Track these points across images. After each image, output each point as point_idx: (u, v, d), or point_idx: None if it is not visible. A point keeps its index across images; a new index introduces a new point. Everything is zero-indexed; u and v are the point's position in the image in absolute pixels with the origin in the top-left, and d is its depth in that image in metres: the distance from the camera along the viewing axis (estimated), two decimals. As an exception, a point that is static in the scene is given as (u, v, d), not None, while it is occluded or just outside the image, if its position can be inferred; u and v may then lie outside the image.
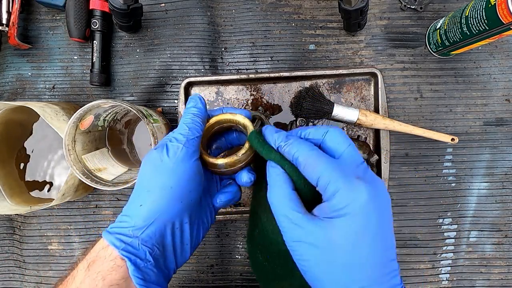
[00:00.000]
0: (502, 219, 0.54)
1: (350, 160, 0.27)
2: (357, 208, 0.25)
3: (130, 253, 0.29)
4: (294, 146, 0.28)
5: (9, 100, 0.56)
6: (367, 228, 0.25)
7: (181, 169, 0.31)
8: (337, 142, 0.28)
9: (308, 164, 0.27)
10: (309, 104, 0.50)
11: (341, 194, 0.25)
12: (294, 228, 0.26)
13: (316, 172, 0.26)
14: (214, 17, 0.55)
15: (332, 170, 0.26)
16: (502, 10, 0.38)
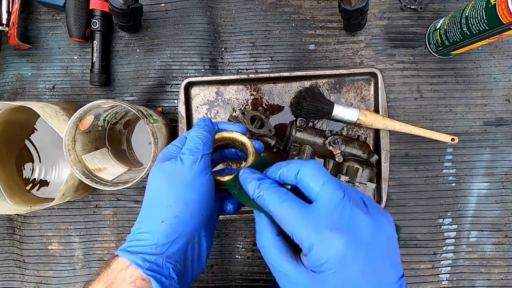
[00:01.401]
0: (502, 219, 0.54)
1: (325, 203, 0.25)
2: (336, 263, 0.23)
3: (155, 271, 0.28)
4: (264, 198, 0.27)
5: (9, 100, 0.56)
6: (353, 280, 0.24)
7: (199, 183, 0.31)
8: (310, 182, 0.26)
9: (280, 217, 0.26)
10: (309, 104, 0.50)
11: (316, 251, 0.24)
12: (281, 275, 0.26)
13: (288, 226, 0.25)
14: (214, 17, 0.55)
15: (303, 225, 0.25)
16: (502, 10, 0.38)
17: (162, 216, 0.30)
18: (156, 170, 0.32)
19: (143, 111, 0.44)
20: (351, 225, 0.24)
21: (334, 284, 0.24)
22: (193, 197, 0.30)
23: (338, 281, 0.24)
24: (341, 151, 0.49)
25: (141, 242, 0.29)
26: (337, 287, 0.24)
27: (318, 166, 0.27)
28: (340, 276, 0.24)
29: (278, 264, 0.26)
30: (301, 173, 0.27)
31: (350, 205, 0.25)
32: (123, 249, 0.30)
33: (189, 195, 0.30)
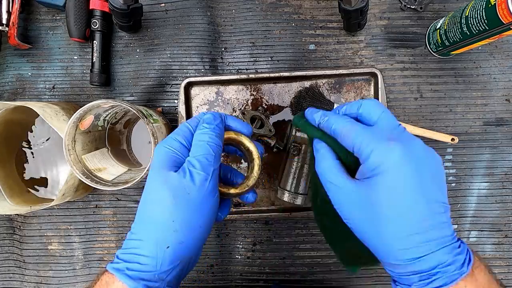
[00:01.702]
0: (502, 219, 0.54)
1: (385, 125, 0.29)
2: (391, 165, 0.26)
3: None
4: (330, 120, 0.31)
5: (9, 100, 0.56)
6: (401, 184, 0.26)
7: (208, 206, 0.29)
8: (371, 111, 0.30)
9: (344, 134, 0.29)
10: (309, 104, 0.50)
11: (375, 155, 0.26)
12: (337, 191, 0.29)
13: (352, 139, 0.28)
14: (214, 17, 0.55)
15: (365, 135, 0.27)
16: (502, 10, 0.38)
17: (167, 241, 0.27)
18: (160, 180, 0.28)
19: (143, 111, 0.44)
20: (408, 141, 0.27)
21: (383, 188, 0.26)
22: (201, 223, 0.28)
23: (389, 183, 0.26)
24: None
25: (143, 267, 0.27)
26: (384, 189, 0.26)
27: (376, 101, 0.30)
28: (391, 178, 0.26)
29: (336, 181, 0.29)
30: (363, 105, 0.30)
31: (403, 129, 0.29)
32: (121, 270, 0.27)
33: (196, 220, 0.28)
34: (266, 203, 0.55)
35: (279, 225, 0.56)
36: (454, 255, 0.26)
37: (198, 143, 0.30)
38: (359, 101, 0.31)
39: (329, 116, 0.31)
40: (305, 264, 0.55)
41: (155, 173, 0.29)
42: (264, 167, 0.55)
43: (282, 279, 0.55)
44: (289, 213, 0.53)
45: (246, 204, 0.55)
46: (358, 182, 0.28)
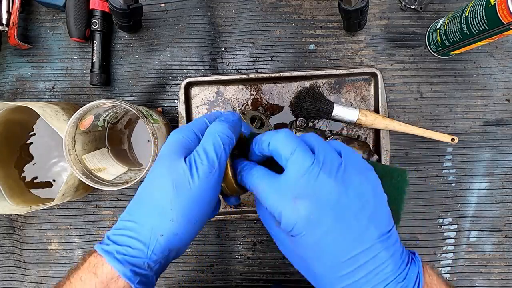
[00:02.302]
0: (502, 219, 0.54)
1: (293, 170, 0.27)
2: (303, 226, 0.26)
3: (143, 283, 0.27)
4: (243, 179, 0.30)
5: (9, 100, 0.56)
6: (323, 239, 0.26)
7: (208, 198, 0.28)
8: (281, 150, 0.27)
9: (256, 193, 0.29)
10: (309, 104, 0.50)
11: (285, 218, 0.26)
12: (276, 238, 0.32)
13: (262, 200, 0.28)
14: (214, 17, 0.55)
15: (272, 197, 0.27)
16: (502, 10, 0.38)
17: (162, 229, 0.27)
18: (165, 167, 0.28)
19: (143, 111, 0.44)
20: (315, 191, 0.26)
21: (309, 244, 0.26)
22: (198, 217, 0.28)
23: (311, 242, 0.26)
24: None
25: (133, 252, 0.26)
26: (312, 247, 0.26)
27: (287, 135, 0.28)
28: (310, 237, 0.26)
29: (269, 229, 0.31)
30: (271, 144, 0.28)
31: (317, 171, 0.26)
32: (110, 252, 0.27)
33: (194, 214, 0.27)
34: (266, 203, 0.55)
35: (279, 225, 0.56)
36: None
37: (209, 132, 0.29)
38: (269, 135, 0.29)
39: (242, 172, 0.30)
40: (305, 264, 0.55)
41: (163, 159, 0.28)
42: (264, 167, 0.55)
43: (282, 279, 0.55)
44: (289, 213, 0.53)
45: (246, 204, 0.55)
46: (288, 236, 0.28)
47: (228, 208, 0.55)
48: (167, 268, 0.57)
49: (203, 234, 0.56)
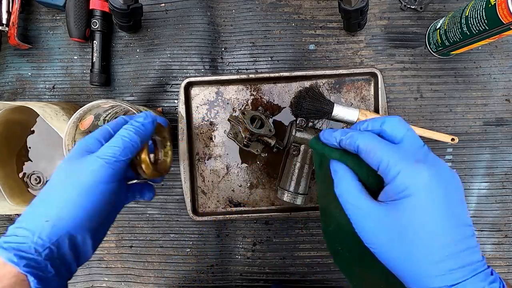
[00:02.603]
0: (502, 219, 0.54)
1: (409, 144, 0.28)
2: (420, 188, 0.25)
3: (32, 267, 0.27)
4: (354, 136, 0.29)
5: (9, 100, 0.56)
6: (432, 207, 0.25)
7: (99, 191, 0.30)
8: (395, 128, 0.29)
9: (369, 150, 0.28)
10: (309, 104, 0.50)
11: (402, 176, 0.26)
12: (360, 214, 0.28)
13: (377, 157, 0.27)
14: (214, 17, 0.55)
15: (392, 154, 0.26)
16: (502, 10, 0.38)
17: (47, 215, 0.28)
18: (62, 166, 0.31)
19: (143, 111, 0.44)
20: (435, 164, 0.26)
21: (413, 210, 0.25)
22: (87, 205, 0.29)
23: (418, 207, 0.25)
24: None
25: (19, 239, 0.27)
26: (414, 213, 0.25)
27: (401, 118, 0.29)
28: (421, 201, 0.25)
29: (359, 203, 0.28)
30: (386, 122, 0.29)
31: (429, 150, 0.28)
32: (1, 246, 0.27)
33: (83, 202, 0.29)
34: (266, 203, 0.55)
35: (279, 225, 0.56)
36: (488, 283, 0.24)
37: (116, 136, 0.32)
38: (382, 117, 0.30)
39: (352, 132, 0.30)
40: (305, 264, 0.55)
41: (63, 162, 0.31)
42: (264, 167, 0.55)
43: (282, 279, 0.55)
44: (289, 213, 0.53)
45: (246, 204, 0.55)
46: (384, 204, 0.27)
47: (228, 208, 0.55)
48: (167, 268, 0.57)
49: (203, 234, 0.56)
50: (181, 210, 0.56)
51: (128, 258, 0.56)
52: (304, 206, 0.54)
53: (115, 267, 0.56)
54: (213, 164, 0.55)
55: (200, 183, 0.55)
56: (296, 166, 0.49)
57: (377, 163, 0.27)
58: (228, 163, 0.55)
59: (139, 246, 0.56)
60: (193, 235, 0.56)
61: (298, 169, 0.49)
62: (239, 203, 0.55)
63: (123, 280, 0.56)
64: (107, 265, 0.56)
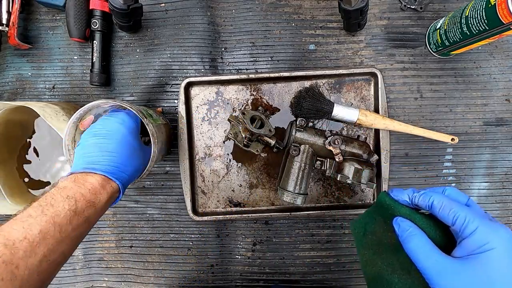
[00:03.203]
0: (502, 219, 0.54)
1: (477, 207, 0.30)
2: (501, 242, 0.26)
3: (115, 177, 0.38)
4: (428, 194, 0.31)
5: (9, 100, 0.56)
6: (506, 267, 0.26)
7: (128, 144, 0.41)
8: (459, 195, 0.31)
9: (444, 206, 0.30)
10: (309, 104, 0.50)
11: (482, 230, 0.27)
12: (436, 269, 0.28)
13: (453, 212, 0.29)
14: (214, 17, 0.55)
15: (468, 211, 0.28)
16: (502, 10, 0.38)
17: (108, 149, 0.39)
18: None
19: (143, 111, 0.44)
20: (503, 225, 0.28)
21: (498, 262, 0.26)
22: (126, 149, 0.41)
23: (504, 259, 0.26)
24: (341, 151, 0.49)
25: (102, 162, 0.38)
26: (501, 265, 0.26)
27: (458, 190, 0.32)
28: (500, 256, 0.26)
29: (434, 257, 0.29)
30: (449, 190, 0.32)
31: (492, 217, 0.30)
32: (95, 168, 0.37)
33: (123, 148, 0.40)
34: (266, 203, 0.55)
35: (279, 225, 0.56)
36: None
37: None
38: (441, 187, 0.32)
39: (424, 191, 0.32)
40: (305, 264, 0.55)
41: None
42: (264, 167, 0.55)
43: (282, 279, 0.55)
44: (289, 213, 0.53)
45: (246, 205, 0.55)
46: (461, 259, 0.28)
47: (228, 208, 0.55)
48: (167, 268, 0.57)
49: (203, 234, 0.56)
50: (181, 210, 0.56)
51: (128, 258, 0.56)
52: (304, 206, 0.54)
53: (115, 267, 0.56)
54: (213, 164, 0.55)
55: (200, 183, 0.55)
56: (296, 166, 0.49)
57: (453, 219, 0.29)
58: (228, 163, 0.55)
59: (139, 246, 0.56)
60: (193, 235, 0.56)
61: (298, 169, 0.49)
62: (239, 203, 0.55)
63: (123, 280, 0.56)
64: (107, 265, 0.56)
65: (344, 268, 0.55)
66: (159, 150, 0.45)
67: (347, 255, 0.55)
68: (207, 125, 0.55)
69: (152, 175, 0.56)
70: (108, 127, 0.40)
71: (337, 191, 0.55)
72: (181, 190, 0.55)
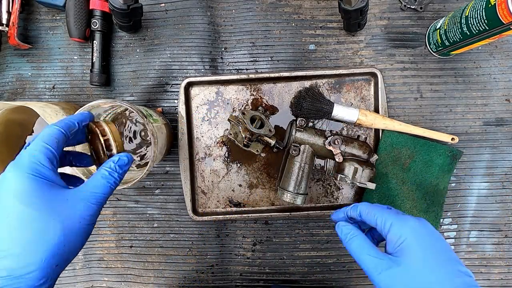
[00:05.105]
0: (502, 219, 0.54)
1: (394, 210, 0.36)
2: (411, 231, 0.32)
3: None
4: (356, 205, 0.39)
5: (9, 100, 0.56)
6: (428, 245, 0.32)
7: None
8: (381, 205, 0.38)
9: (368, 212, 0.36)
10: (309, 104, 0.50)
11: (395, 225, 0.33)
12: (378, 266, 0.32)
13: (373, 214, 0.35)
14: (214, 17, 0.55)
15: (385, 212, 0.35)
16: (502, 10, 0.38)
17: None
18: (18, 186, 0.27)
19: (143, 111, 0.44)
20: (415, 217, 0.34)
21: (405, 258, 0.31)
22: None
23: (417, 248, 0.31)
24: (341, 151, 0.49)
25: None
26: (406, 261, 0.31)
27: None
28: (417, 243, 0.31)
29: (370, 255, 0.33)
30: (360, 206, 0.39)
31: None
32: None
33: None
34: (266, 203, 0.55)
35: (279, 225, 0.56)
36: None
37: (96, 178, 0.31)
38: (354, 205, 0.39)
39: (353, 204, 0.39)
40: (305, 264, 0.55)
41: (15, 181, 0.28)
42: (264, 167, 0.55)
43: (282, 279, 0.55)
44: (289, 213, 0.53)
45: (246, 205, 0.55)
46: (394, 254, 0.32)
47: (228, 208, 0.55)
48: (167, 268, 0.57)
49: (203, 234, 0.56)
50: (181, 210, 0.56)
51: (128, 258, 0.56)
52: (304, 206, 0.54)
53: (115, 267, 0.56)
54: (213, 164, 0.55)
55: (200, 183, 0.55)
56: (296, 166, 0.49)
57: (375, 220, 0.35)
58: (228, 163, 0.55)
59: (139, 246, 0.56)
60: (193, 235, 0.56)
61: (298, 169, 0.49)
62: (239, 203, 0.55)
63: (123, 280, 0.56)
64: (107, 265, 0.56)
65: (344, 268, 0.55)
66: (159, 150, 0.45)
67: (347, 255, 0.55)
68: (207, 125, 0.55)
69: (152, 175, 0.56)
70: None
71: (337, 191, 0.55)
72: (181, 190, 0.55)
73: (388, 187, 0.52)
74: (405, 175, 0.52)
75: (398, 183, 0.52)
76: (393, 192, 0.52)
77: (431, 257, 0.31)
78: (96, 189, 0.29)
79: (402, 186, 0.52)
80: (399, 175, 0.52)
